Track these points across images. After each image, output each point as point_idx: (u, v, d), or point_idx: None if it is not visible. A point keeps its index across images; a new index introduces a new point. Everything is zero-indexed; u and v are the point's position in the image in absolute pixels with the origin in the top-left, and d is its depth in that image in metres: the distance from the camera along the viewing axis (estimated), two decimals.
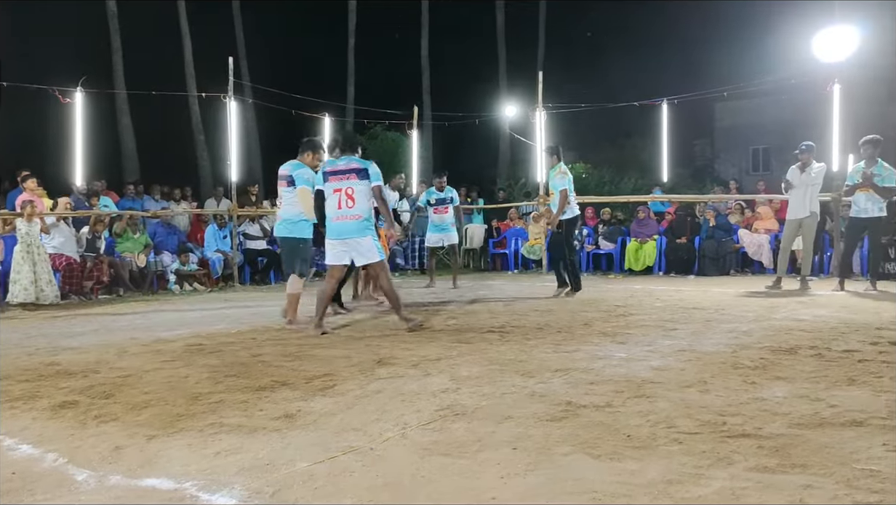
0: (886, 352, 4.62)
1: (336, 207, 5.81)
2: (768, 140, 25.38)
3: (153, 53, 19.91)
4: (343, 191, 5.79)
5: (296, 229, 6.38)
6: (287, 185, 6.38)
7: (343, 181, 5.81)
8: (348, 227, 5.82)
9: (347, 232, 5.82)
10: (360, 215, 5.81)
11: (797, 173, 8.96)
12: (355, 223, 5.81)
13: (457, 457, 2.74)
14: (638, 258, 12.36)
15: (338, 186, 5.81)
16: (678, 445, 2.81)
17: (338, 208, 5.80)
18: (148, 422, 3.33)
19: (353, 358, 4.77)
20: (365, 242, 5.85)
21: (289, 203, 6.37)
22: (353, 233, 5.82)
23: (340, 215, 5.80)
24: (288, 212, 6.37)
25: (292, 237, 6.40)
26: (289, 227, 6.38)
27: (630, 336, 5.49)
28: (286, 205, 6.39)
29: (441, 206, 10.36)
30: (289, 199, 6.36)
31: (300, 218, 6.37)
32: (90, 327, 6.79)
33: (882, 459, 2.61)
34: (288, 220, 6.40)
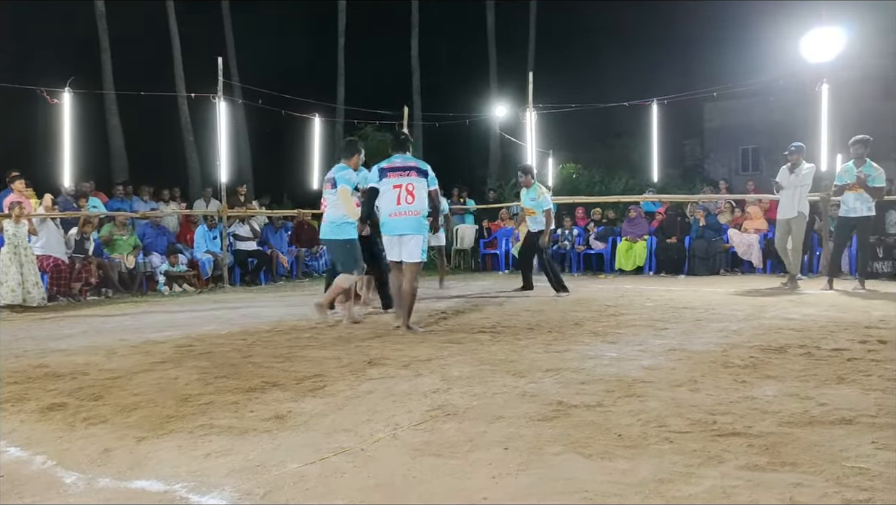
0: (875, 350, 4.65)
1: (395, 203, 5.80)
2: (757, 140, 25.51)
3: (142, 54, 19.82)
4: (403, 186, 5.79)
5: (340, 231, 6.43)
6: (331, 188, 6.44)
7: (403, 177, 5.84)
8: (405, 223, 5.83)
9: (402, 228, 5.84)
10: (420, 212, 5.86)
11: (787, 174, 9.04)
12: (413, 220, 5.85)
13: (448, 457, 2.74)
14: (628, 258, 12.39)
15: (398, 182, 5.82)
16: (669, 444, 2.82)
17: (396, 204, 5.79)
18: (137, 424, 3.31)
19: (343, 359, 4.76)
20: (414, 241, 5.87)
21: (332, 205, 6.45)
22: (408, 230, 5.84)
23: (398, 211, 5.81)
24: (332, 214, 6.45)
25: (338, 239, 6.46)
26: (333, 230, 6.45)
27: (621, 336, 5.50)
28: (330, 207, 6.49)
29: None
30: (332, 202, 6.44)
31: (344, 220, 6.41)
32: (79, 329, 6.75)
33: (871, 456, 2.62)
34: (332, 222, 6.46)
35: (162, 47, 20.22)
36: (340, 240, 6.41)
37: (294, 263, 12.76)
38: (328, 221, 6.49)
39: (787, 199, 9.07)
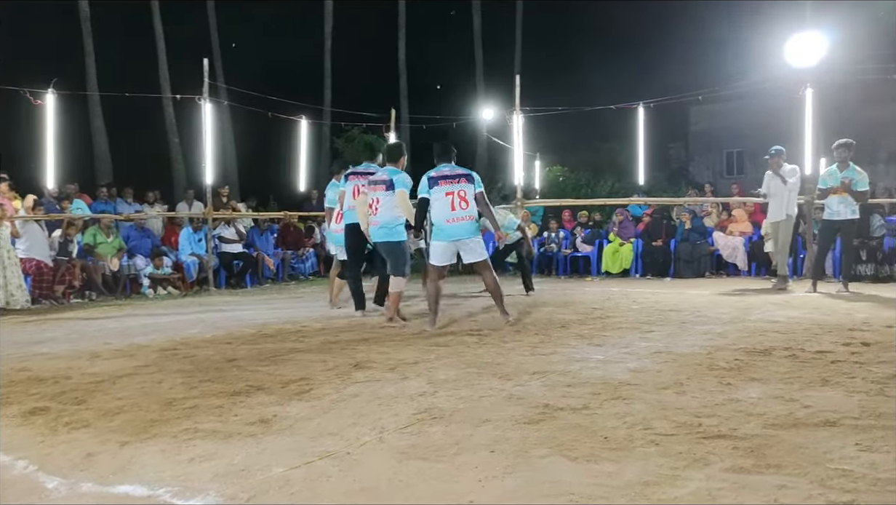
0: (858, 353, 4.68)
1: (449, 210, 6.05)
2: (742, 144, 25.67)
3: (126, 55, 19.70)
4: (455, 193, 6.06)
5: (394, 233, 6.54)
6: (386, 189, 6.48)
7: (454, 184, 6.09)
8: (462, 228, 6.11)
9: (460, 234, 6.12)
10: (474, 216, 6.14)
11: (770, 180, 9.21)
12: (469, 224, 6.13)
13: (434, 460, 2.73)
14: (615, 261, 12.44)
15: (449, 190, 6.07)
16: (655, 446, 2.83)
17: (451, 210, 6.04)
18: (120, 428, 3.28)
19: (329, 362, 4.74)
20: (474, 242, 6.19)
21: (387, 207, 6.49)
22: (467, 234, 6.13)
23: (454, 217, 6.06)
24: (386, 216, 6.51)
25: (393, 241, 6.55)
26: (388, 232, 6.54)
27: (607, 338, 5.51)
28: (383, 209, 6.51)
29: None
30: (387, 204, 6.48)
31: (398, 222, 6.54)
32: (61, 332, 6.68)
33: (854, 458, 2.64)
34: (386, 224, 6.53)
35: (147, 49, 20.11)
36: (394, 242, 6.53)
37: (280, 266, 12.71)
38: (381, 224, 6.54)
39: (775, 203, 9.20)
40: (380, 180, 6.59)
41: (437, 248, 6.23)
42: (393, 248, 6.53)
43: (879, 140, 22.89)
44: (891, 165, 22.83)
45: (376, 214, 6.57)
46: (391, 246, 6.54)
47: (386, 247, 6.59)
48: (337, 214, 7.67)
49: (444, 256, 6.25)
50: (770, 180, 9.29)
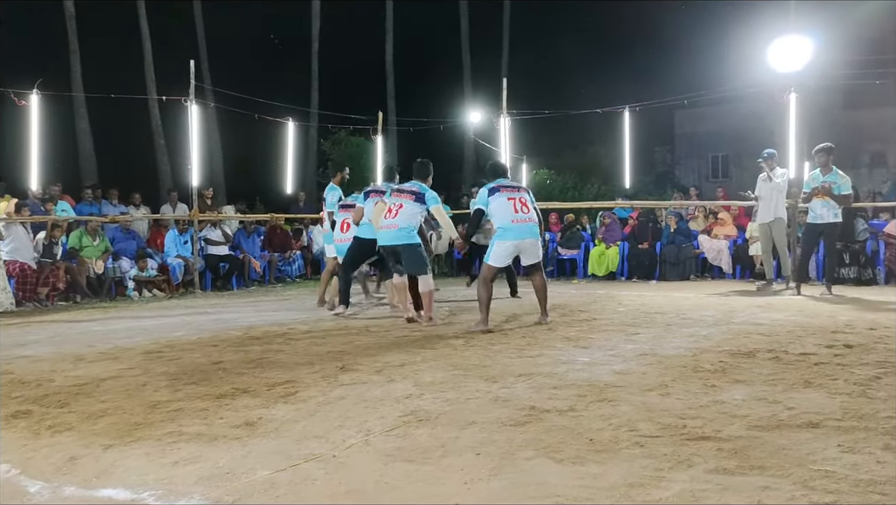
0: (841, 355, 4.73)
1: (512, 211, 6.43)
2: (727, 147, 25.88)
3: (112, 56, 19.58)
4: (517, 199, 6.49)
5: (413, 237, 6.85)
6: (414, 200, 6.84)
7: (516, 192, 6.57)
8: (528, 228, 6.46)
9: (527, 233, 6.46)
10: (535, 220, 6.53)
11: (761, 182, 9.29)
12: (534, 226, 6.51)
13: (420, 463, 2.73)
14: (601, 263, 12.48)
15: (511, 196, 6.51)
16: (639, 448, 2.84)
17: (514, 212, 6.42)
18: (104, 431, 3.25)
19: (315, 364, 4.73)
20: (538, 245, 6.58)
21: (410, 214, 6.82)
22: (531, 235, 6.48)
23: (519, 218, 6.42)
24: (406, 221, 6.80)
25: (413, 243, 6.83)
26: (407, 235, 6.81)
27: (593, 341, 5.53)
28: (406, 216, 6.81)
29: None
30: (410, 211, 6.82)
31: (415, 228, 6.91)
32: (45, 335, 6.63)
33: (837, 459, 2.66)
34: (405, 228, 6.81)
35: (133, 50, 19.99)
36: (413, 244, 6.81)
37: (266, 268, 12.66)
38: (400, 227, 6.80)
39: (766, 205, 9.28)
40: (409, 191, 6.95)
41: (501, 248, 6.47)
42: (413, 250, 6.81)
43: (862, 144, 23.12)
44: (874, 169, 23.07)
45: (395, 218, 6.81)
46: (411, 248, 6.81)
47: (406, 250, 6.84)
48: (342, 223, 7.99)
49: (505, 258, 6.58)
50: (761, 183, 9.37)
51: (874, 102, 20.58)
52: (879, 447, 2.78)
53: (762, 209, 9.42)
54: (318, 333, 6.35)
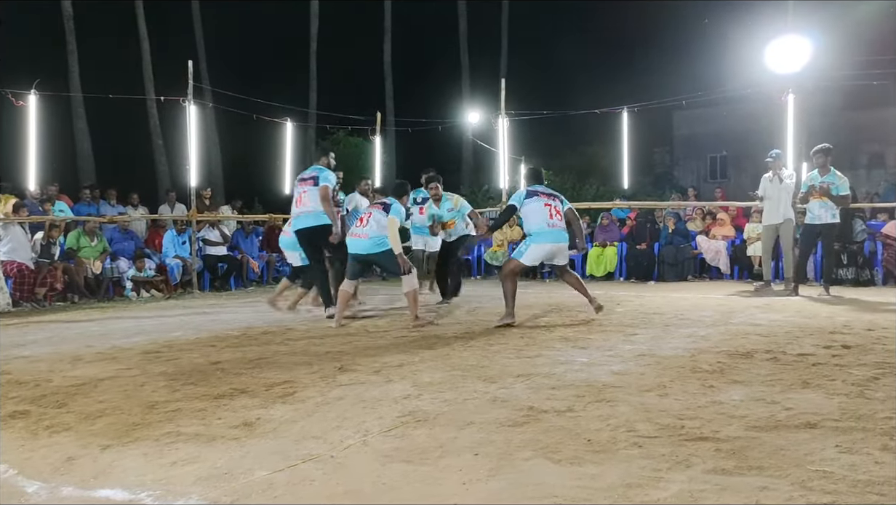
0: (839, 355, 4.73)
1: (549, 217, 6.77)
2: (725, 148, 25.92)
3: (110, 56, 19.58)
4: (552, 207, 6.83)
5: (385, 243, 6.83)
6: (381, 209, 6.91)
7: (552, 200, 6.91)
8: (561, 234, 6.81)
9: (560, 238, 6.81)
10: (565, 228, 6.90)
11: (767, 183, 9.22)
12: (564, 232, 6.87)
13: (418, 463, 2.73)
14: (599, 264, 12.49)
15: (547, 202, 6.85)
16: (638, 448, 2.84)
17: (549, 218, 6.77)
18: (102, 431, 3.25)
19: (313, 365, 4.73)
20: (566, 248, 6.95)
21: (381, 226, 6.83)
22: (564, 240, 6.85)
23: (554, 224, 6.77)
24: (376, 231, 6.82)
25: (386, 249, 6.83)
26: (380, 243, 6.82)
27: (591, 341, 5.53)
28: (377, 227, 6.83)
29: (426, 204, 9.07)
30: (381, 222, 6.83)
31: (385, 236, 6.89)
32: (43, 335, 6.62)
33: (835, 460, 2.66)
34: (375, 237, 6.84)
35: (131, 50, 19.99)
36: (386, 251, 6.84)
37: (265, 269, 12.66)
38: (370, 237, 6.84)
39: (773, 206, 9.23)
40: (382, 203, 7.07)
41: (537, 250, 6.78)
42: (388, 255, 6.85)
43: (861, 145, 23.16)
44: (872, 170, 23.13)
45: (366, 227, 6.89)
46: (385, 255, 6.85)
47: (381, 257, 6.91)
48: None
49: (537, 258, 6.94)
50: (767, 184, 9.31)
51: (872, 103, 20.63)
52: (877, 448, 2.79)
53: (769, 210, 9.33)
54: (317, 333, 6.35)
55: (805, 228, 9.07)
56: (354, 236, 6.95)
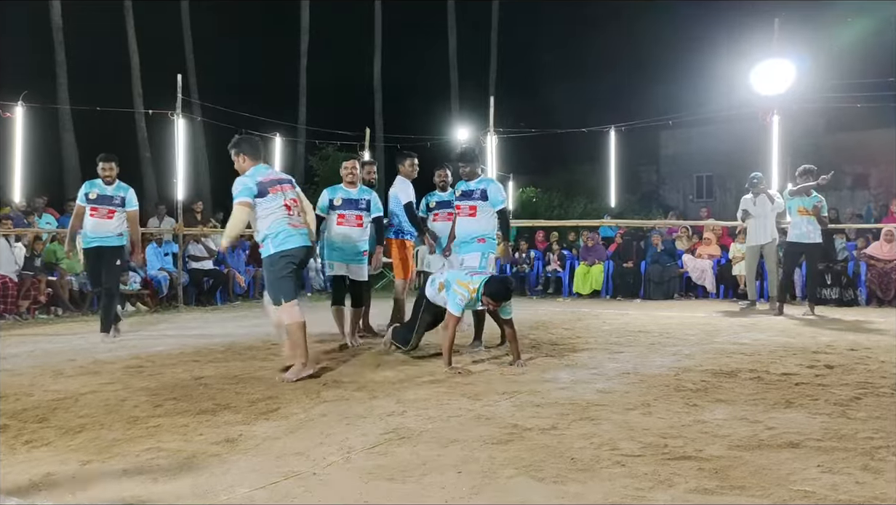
0: (822, 375, 4.76)
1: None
2: (712, 168, 26.10)
3: (99, 68, 19.54)
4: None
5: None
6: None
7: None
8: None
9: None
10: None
11: (751, 203, 9.29)
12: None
13: (401, 481, 2.72)
14: (586, 282, 12.51)
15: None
16: (621, 467, 2.84)
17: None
18: (82, 447, 3.22)
19: (298, 381, 4.70)
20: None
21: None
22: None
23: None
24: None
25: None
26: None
27: (577, 359, 5.54)
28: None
29: (443, 210, 7.16)
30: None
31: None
32: (25, 349, 6.54)
33: (816, 480, 2.67)
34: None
35: (120, 63, 19.96)
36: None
37: (251, 283, 12.59)
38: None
39: (760, 226, 9.29)
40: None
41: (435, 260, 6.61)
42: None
43: (844, 166, 23.39)
44: (856, 191, 23.36)
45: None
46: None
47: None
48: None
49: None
50: (750, 205, 9.36)
51: (856, 125, 20.88)
52: (858, 468, 2.80)
53: (754, 230, 9.39)
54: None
55: (789, 247, 9.13)
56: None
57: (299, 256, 5.04)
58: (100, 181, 7.26)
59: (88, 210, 7.07)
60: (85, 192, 7.16)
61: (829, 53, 16.60)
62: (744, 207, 9.43)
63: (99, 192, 7.14)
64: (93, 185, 7.24)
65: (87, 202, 7.08)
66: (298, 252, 5.02)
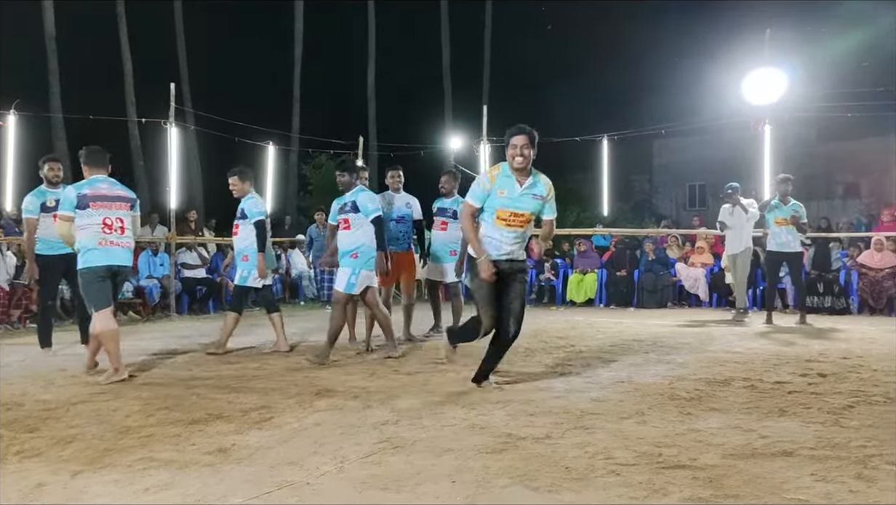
0: (815, 383, 4.77)
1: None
2: (704, 177, 26.22)
3: (92, 77, 19.51)
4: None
5: None
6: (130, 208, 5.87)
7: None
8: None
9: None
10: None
11: (728, 214, 9.35)
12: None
13: (395, 491, 2.71)
14: (580, 290, 12.52)
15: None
16: (615, 476, 2.83)
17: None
18: (73, 457, 3.19)
19: (291, 390, 4.69)
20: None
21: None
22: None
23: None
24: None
25: None
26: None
27: (570, 367, 5.54)
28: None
29: (440, 217, 7.61)
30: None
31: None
32: (16, 358, 6.50)
33: (810, 488, 2.67)
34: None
35: (113, 71, 19.94)
36: None
37: None
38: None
39: (735, 236, 9.34)
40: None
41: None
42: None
43: (836, 175, 23.54)
44: (847, 200, 23.48)
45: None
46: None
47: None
48: None
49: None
50: (727, 215, 9.43)
51: (847, 135, 21.00)
52: (852, 476, 2.80)
53: (731, 240, 9.47)
54: (295, 357, 6.29)
55: (770, 256, 9.16)
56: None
57: (105, 275, 5.22)
58: (45, 187, 6.73)
59: (50, 218, 6.29)
60: (40, 201, 6.59)
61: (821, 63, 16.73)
62: (721, 219, 9.52)
63: (55, 197, 6.48)
64: (44, 193, 6.67)
65: (47, 211, 6.50)
66: (102, 270, 5.20)
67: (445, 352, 5.24)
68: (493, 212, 4.62)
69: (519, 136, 4.72)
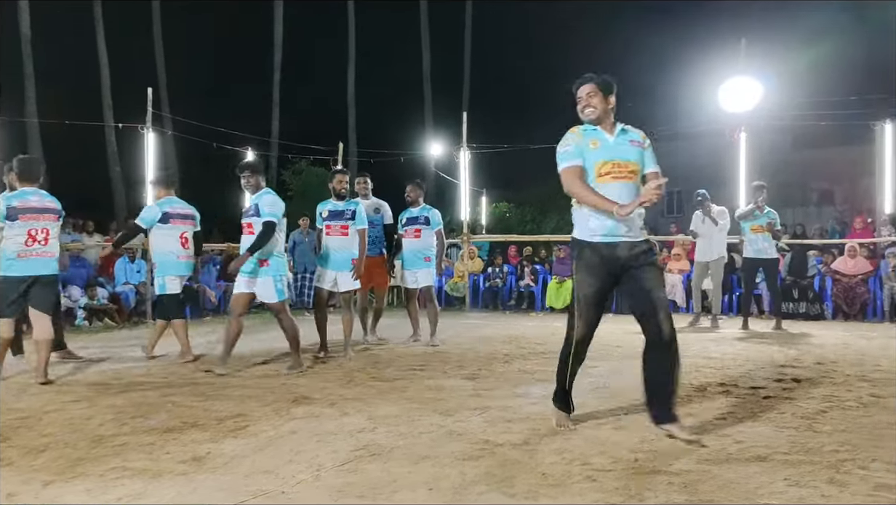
0: (790, 388, 4.82)
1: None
2: (681, 184, 26.33)
3: (69, 81, 19.32)
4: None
5: None
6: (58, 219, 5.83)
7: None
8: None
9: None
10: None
11: (699, 222, 9.44)
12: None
13: (371, 499, 2.70)
14: (559, 297, 12.56)
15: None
16: (591, 482, 2.85)
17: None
18: (45, 466, 3.15)
19: (267, 397, 4.65)
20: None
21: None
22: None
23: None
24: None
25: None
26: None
27: (549, 374, 5.52)
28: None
29: (412, 226, 7.65)
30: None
31: None
32: None
33: (783, 493, 2.70)
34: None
35: (90, 75, 19.77)
36: None
37: (222, 298, 12.46)
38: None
39: (707, 243, 9.44)
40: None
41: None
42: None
43: (810, 182, 23.83)
44: (822, 207, 23.78)
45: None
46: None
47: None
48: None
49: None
50: (699, 222, 9.53)
51: (821, 143, 21.31)
52: (824, 481, 2.84)
53: (701, 248, 9.58)
54: (272, 365, 6.26)
55: (746, 262, 9.26)
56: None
57: (21, 285, 5.41)
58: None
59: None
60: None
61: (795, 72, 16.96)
62: (692, 227, 9.63)
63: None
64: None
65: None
66: (18, 281, 5.39)
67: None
68: (592, 168, 3.98)
69: (583, 86, 4.09)
